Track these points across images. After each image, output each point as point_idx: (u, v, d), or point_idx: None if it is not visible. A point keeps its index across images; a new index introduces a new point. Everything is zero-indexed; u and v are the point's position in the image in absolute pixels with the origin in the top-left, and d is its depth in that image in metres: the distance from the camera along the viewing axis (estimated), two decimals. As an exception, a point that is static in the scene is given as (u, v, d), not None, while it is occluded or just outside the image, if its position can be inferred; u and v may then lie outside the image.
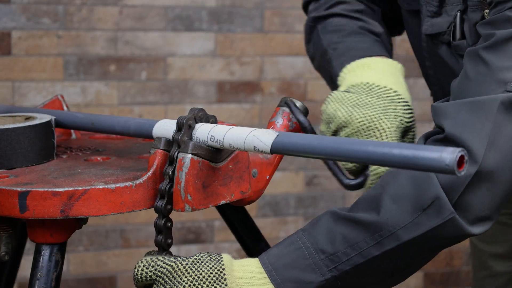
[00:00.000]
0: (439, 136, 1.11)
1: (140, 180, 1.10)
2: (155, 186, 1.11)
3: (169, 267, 1.08)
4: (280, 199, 2.88)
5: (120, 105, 2.70)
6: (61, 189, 1.06)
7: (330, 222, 1.11)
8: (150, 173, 1.11)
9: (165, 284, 1.08)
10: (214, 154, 1.11)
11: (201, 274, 1.08)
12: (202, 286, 1.07)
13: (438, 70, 1.36)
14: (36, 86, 2.62)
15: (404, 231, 1.07)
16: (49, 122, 1.24)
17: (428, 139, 1.13)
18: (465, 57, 1.16)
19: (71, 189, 1.06)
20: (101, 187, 1.07)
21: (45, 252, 1.12)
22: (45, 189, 1.06)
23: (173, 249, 1.18)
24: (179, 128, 1.12)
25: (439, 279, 3.08)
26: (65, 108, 1.47)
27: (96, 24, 2.65)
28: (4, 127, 1.19)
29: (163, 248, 1.12)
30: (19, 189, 1.07)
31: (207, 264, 1.09)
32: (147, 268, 1.08)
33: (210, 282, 1.08)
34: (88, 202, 1.07)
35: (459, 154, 0.89)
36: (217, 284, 1.08)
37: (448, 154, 0.88)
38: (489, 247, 1.74)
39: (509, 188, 1.08)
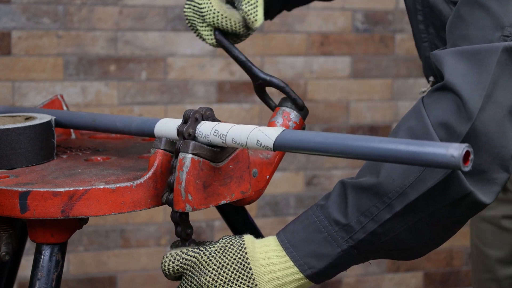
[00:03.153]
0: (439, 84, 1.11)
1: (141, 180, 1.10)
2: (156, 186, 1.11)
3: (193, 259, 1.11)
4: (280, 199, 2.88)
5: (120, 105, 2.70)
6: (62, 189, 1.06)
7: (340, 193, 1.12)
8: (150, 173, 1.11)
9: (192, 275, 1.11)
10: (215, 154, 1.11)
11: (224, 261, 1.10)
12: (227, 273, 1.10)
13: (429, 24, 1.36)
14: (36, 86, 2.62)
15: (411, 189, 1.07)
16: (49, 122, 1.24)
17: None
18: (460, 1, 1.15)
19: (71, 189, 1.06)
20: (101, 187, 1.07)
21: (46, 252, 1.12)
22: (46, 189, 1.06)
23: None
24: (185, 120, 1.12)
25: (439, 279, 3.08)
26: (65, 108, 1.47)
27: (96, 24, 2.65)
28: (4, 127, 1.19)
29: (184, 238, 1.14)
30: (19, 189, 1.06)
31: (230, 250, 1.11)
32: (173, 263, 1.11)
33: (234, 268, 1.10)
34: (89, 202, 1.07)
35: (465, 150, 0.89)
36: (241, 269, 1.10)
37: (454, 150, 0.89)
38: (493, 251, 1.74)
39: (504, 143, 1.08)
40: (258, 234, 1.42)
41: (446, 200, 1.08)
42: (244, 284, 1.10)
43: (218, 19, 1.31)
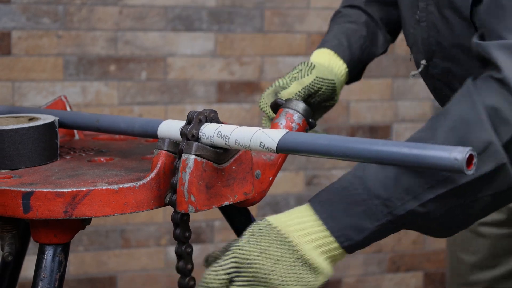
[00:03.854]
0: (497, 75, 1.07)
1: (144, 181, 1.10)
2: (159, 187, 1.11)
3: (232, 259, 1.09)
4: (280, 199, 2.88)
5: (120, 105, 2.70)
6: (65, 190, 1.06)
7: (379, 166, 1.10)
8: (153, 174, 1.11)
9: (239, 273, 1.09)
10: (218, 155, 1.11)
11: (262, 245, 1.09)
12: (271, 253, 1.08)
13: (430, 2, 1.33)
14: (36, 86, 2.62)
15: (458, 175, 1.05)
16: (52, 123, 1.24)
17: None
18: None
19: (74, 189, 1.06)
20: (104, 187, 1.07)
21: (49, 253, 1.12)
22: (49, 190, 1.06)
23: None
24: (189, 121, 1.12)
25: (439, 279, 3.09)
26: (68, 109, 1.47)
27: (96, 24, 2.66)
28: (7, 128, 1.19)
29: (182, 241, 1.13)
30: (22, 189, 1.07)
31: (261, 233, 1.10)
32: (217, 275, 1.09)
33: (275, 246, 1.08)
34: (92, 203, 1.07)
35: (468, 153, 0.89)
36: (282, 244, 1.09)
37: (457, 154, 0.89)
38: (467, 256, 1.75)
39: None
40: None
41: (490, 190, 1.07)
42: (289, 257, 1.08)
43: (261, 101, 1.45)
